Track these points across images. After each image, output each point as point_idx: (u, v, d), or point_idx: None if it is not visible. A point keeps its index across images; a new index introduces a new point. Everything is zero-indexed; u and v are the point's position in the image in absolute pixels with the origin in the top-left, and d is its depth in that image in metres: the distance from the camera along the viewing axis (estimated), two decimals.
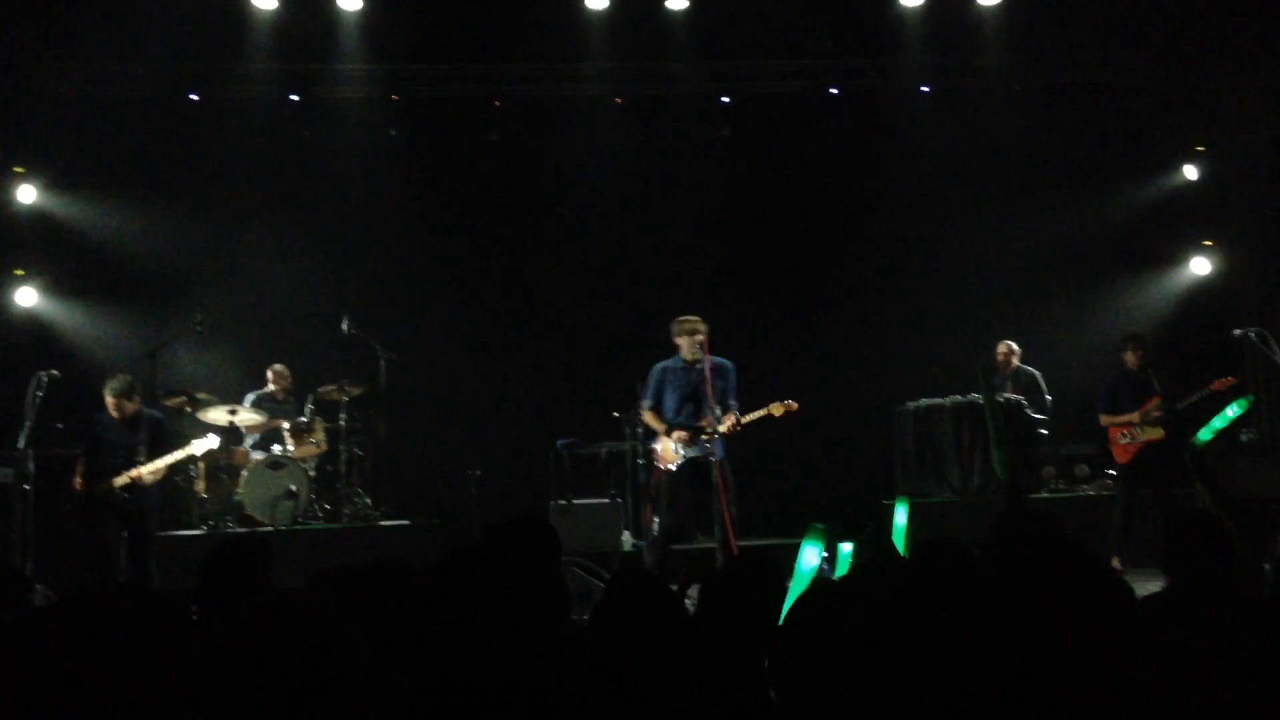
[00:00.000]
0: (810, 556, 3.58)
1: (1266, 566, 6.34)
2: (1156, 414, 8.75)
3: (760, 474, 9.83)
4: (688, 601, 6.53)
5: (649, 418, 8.25)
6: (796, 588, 3.57)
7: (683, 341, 8.02)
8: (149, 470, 7.80)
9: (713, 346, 8.02)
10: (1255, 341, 8.94)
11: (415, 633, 2.50)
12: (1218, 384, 8.68)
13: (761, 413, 7.89)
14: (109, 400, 7.89)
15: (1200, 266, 11.76)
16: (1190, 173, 11.78)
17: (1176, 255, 11.88)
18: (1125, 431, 8.89)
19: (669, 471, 8.03)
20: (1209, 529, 3.37)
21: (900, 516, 5.55)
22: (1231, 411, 8.34)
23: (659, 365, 8.23)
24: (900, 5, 10.38)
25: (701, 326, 7.97)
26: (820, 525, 3.80)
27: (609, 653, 2.75)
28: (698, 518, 8.00)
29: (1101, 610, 2.77)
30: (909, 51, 10.87)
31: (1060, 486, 10.17)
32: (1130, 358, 8.96)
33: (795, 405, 7.87)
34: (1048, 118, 11.50)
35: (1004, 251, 11.59)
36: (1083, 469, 10.24)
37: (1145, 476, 8.81)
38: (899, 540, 5.41)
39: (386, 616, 2.60)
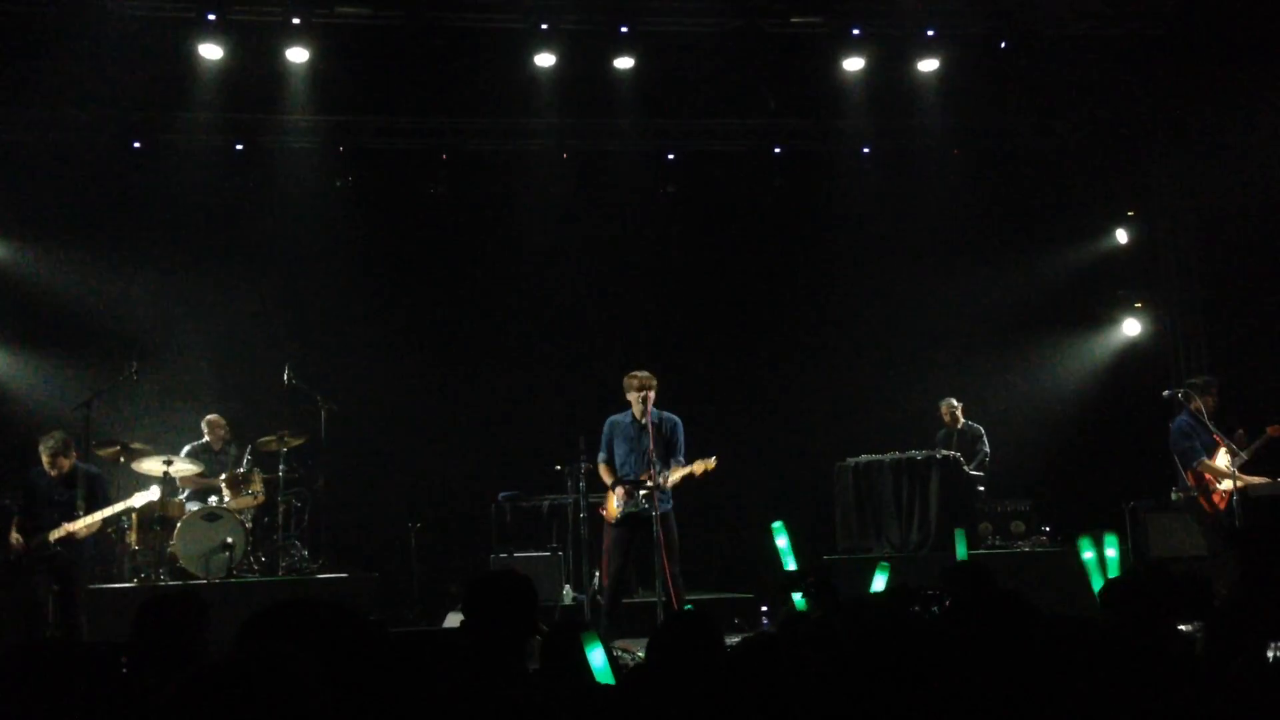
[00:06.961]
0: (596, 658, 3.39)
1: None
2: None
3: (701, 529, 9.84)
4: (627, 657, 6.52)
5: (602, 470, 8.22)
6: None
7: (632, 396, 8.01)
8: (84, 524, 7.68)
9: (658, 400, 8.03)
10: (1184, 402, 9.14)
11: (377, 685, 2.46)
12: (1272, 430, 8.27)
13: (685, 471, 7.87)
14: (44, 458, 7.75)
15: (1131, 328, 12.07)
16: (1121, 236, 12.13)
17: (1108, 316, 12.20)
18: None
19: (611, 525, 7.99)
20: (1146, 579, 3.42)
21: (879, 583, 5.64)
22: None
23: (610, 419, 8.22)
24: (842, 70, 10.59)
25: (651, 382, 7.95)
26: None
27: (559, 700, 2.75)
28: (639, 572, 7.94)
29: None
30: (850, 114, 11.10)
31: (997, 543, 10.25)
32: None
33: (713, 464, 7.77)
34: (984, 181, 11.79)
35: (941, 310, 11.83)
36: (1018, 525, 10.34)
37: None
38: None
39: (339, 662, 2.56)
